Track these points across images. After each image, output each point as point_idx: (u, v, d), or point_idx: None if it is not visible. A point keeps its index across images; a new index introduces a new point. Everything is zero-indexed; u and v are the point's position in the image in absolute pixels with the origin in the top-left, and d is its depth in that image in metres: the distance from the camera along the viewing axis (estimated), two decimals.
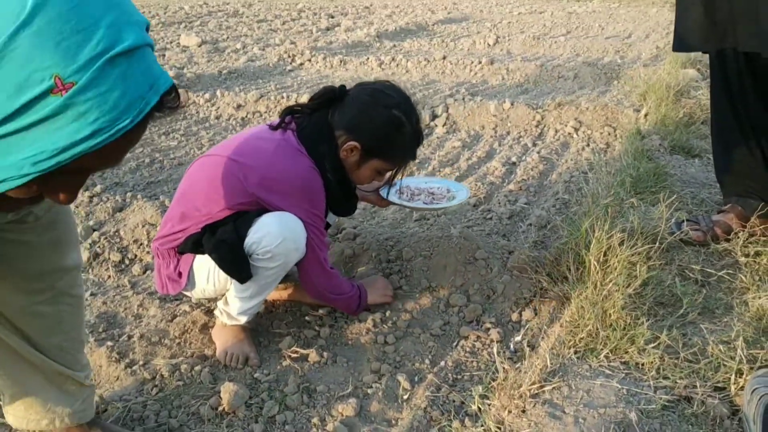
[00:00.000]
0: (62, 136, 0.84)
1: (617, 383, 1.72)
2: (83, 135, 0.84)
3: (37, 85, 0.81)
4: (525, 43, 7.81)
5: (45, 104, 0.82)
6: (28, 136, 0.83)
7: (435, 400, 1.88)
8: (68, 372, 1.57)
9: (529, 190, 3.40)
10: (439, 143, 4.29)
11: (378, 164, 2.05)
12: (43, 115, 0.82)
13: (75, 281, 1.53)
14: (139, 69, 0.87)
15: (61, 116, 0.83)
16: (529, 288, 2.32)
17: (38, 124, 0.83)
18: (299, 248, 1.93)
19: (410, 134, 2.04)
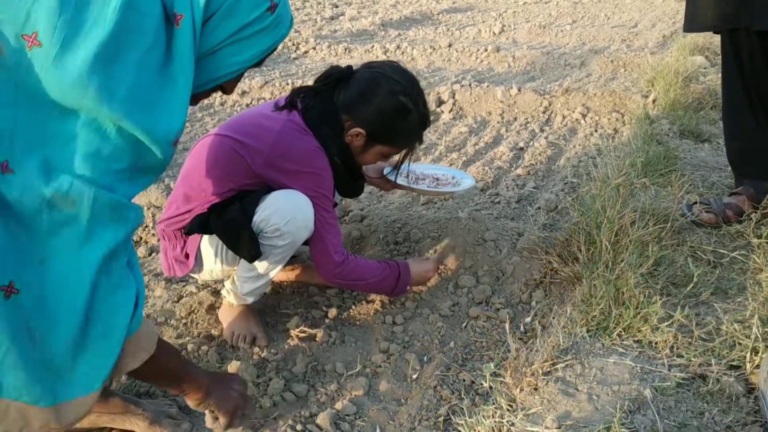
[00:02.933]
0: (266, 41, 1.35)
1: (631, 361, 1.69)
2: (274, 41, 1.37)
3: (263, 3, 1.31)
4: (531, 32, 7.75)
5: (264, 18, 1.32)
6: (252, 41, 1.32)
7: (445, 379, 1.86)
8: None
9: (537, 175, 3.37)
10: (446, 129, 4.26)
11: (383, 149, 2.02)
12: (263, 26, 1.32)
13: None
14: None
15: (270, 28, 1.34)
16: (539, 269, 2.29)
17: (259, 33, 1.32)
18: (308, 226, 1.90)
19: (416, 120, 1.99)
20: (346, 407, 1.74)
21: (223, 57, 1.32)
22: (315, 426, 1.68)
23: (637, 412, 1.52)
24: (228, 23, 1.28)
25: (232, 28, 1.29)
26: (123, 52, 1.12)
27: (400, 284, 2.11)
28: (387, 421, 1.70)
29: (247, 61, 1.35)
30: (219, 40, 1.29)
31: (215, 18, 1.26)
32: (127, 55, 1.13)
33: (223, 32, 1.28)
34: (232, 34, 1.29)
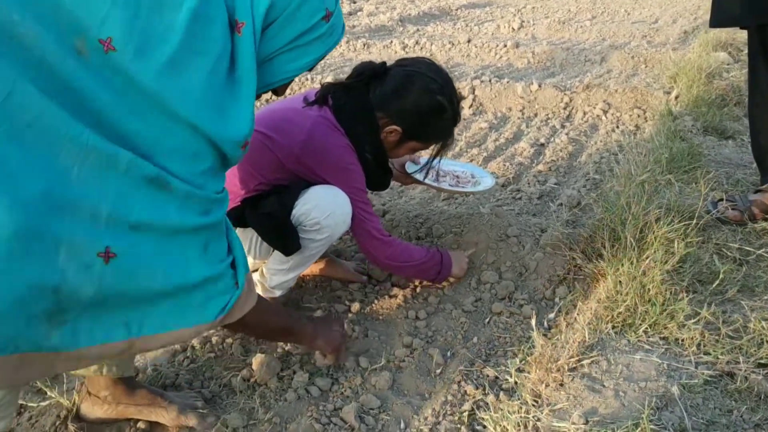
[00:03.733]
0: (320, 48, 1.42)
1: (657, 358, 1.68)
2: (328, 48, 1.43)
3: (319, 12, 1.37)
4: (550, 28, 7.70)
5: (320, 26, 1.38)
6: (307, 48, 1.39)
7: (468, 374, 1.86)
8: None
9: (558, 171, 3.35)
10: (466, 125, 4.24)
11: (416, 145, 2.06)
12: (319, 34, 1.38)
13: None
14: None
15: (325, 36, 1.40)
16: (563, 265, 2.28)
17: (315, 40, 1.39)
18: (346, 221, 1.92)
19: (451, 118, 2.02)
20: (370, 401, 1.74)
21: (279, 64, 1.39)
22: (339, 419, 1.68)
23: (665, 410, 1.52)
24: (286, 31, 1.34)
25: (290, 36, 1.35)
26: (193, 58, 1.18)
27: (443, 270, 2.17)
28: (411, 415, 1.71)
29: (302, 68, 1.42)
30: (277, 47, 1.35)
31: (274, 26, 1.32)
32: (198, 61, 1.19)
33: (281, 40, 1.35)
34: (289, 42, 1.36)
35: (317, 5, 1.36)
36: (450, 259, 2.19)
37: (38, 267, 1.07)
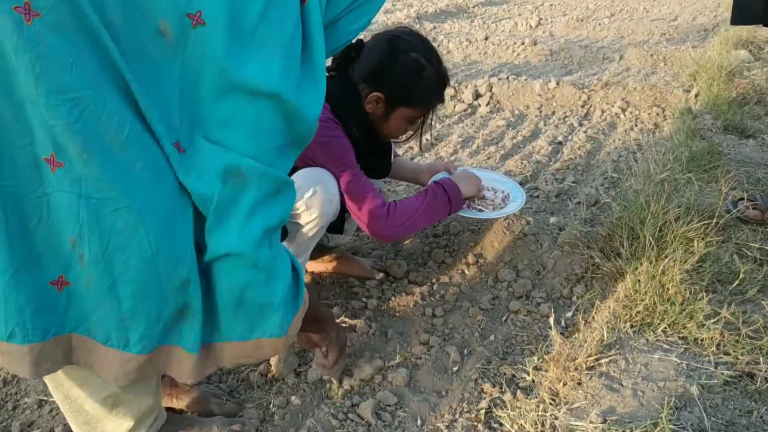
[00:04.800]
0: (376, 6, 1.40)
1: (676, 358, 1.67)
2: (380, 5, 1.41)
3: None
4: (568, 25, 7.66)
5: None
6: (365, 7, 1.37)
7: (485, 372, 1.85)
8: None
9: (576, 169, 3.34)
10: (483, 122, 4.23)
11: (405, 112, 1.95)
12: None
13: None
14: None
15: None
16: (581, 264, 2.27)
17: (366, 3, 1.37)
18: (333, 200, 1.87)
19: (433, 76, 1.93)
20: (387, 398, 1.74)
21: (342, 26, 1.38)
22: (356, 416, 1.69)
23: (684, 409, 1.51)
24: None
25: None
26: (273, 27, 1.16)
27: (453, 199, 2.05)
28: (428, 412, 1.71)
29: (361, 28, 1.41)
30: (339, 10, 1.35)
31: None
32: (279, 31, 1.17)
33: (342, 3, 1.34)
34: (349, 5, 1.35)
35: None
36: (455, 186, 2.07)
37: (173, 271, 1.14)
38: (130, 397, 1.39)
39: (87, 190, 1.06)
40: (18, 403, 1.77)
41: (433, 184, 2.07)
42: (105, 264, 1.11)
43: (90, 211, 1.07)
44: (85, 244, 1.10)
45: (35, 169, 1.07)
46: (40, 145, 1.04)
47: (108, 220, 1.08)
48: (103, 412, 1.38)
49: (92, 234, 1.09)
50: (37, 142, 1.04)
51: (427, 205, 2.01)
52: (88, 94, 1.02)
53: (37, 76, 0.98)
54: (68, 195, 1.06)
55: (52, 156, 1.04)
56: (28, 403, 1.77)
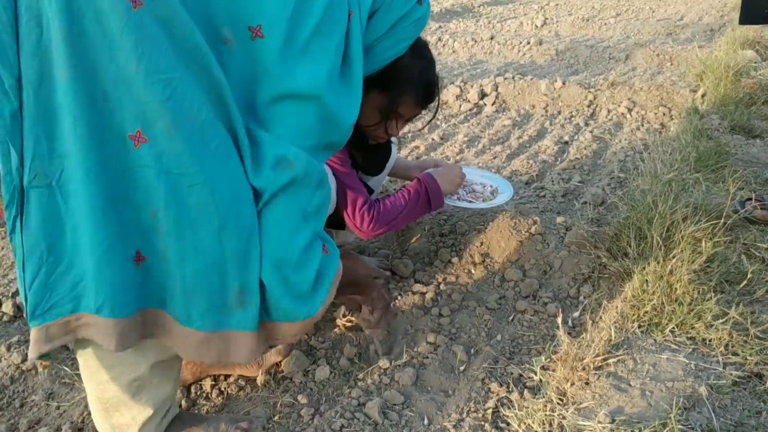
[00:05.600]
0: (414, 32, 1.52)
1: (684, 358, 1.67)
2: (419, 30, 1.53)
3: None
4: (574, 25, 7.65)
5: (415, 10, 1.47)
6: (404, 33, 1.48)
7: (492, 372, 1.85)
8: None
9: (582, 169, 3.33)
10: (489, 122, 4.23)
11: (376, 97, 1.75)
12: (414, 18, 1.48)
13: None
14: None
15: (419, 19, 1.50)
16: (588, 264, 2.26)
17: (410, 25, 1.48)
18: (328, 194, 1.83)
19: (411, 68, 1.75)
20: (394, 397, 1.74)
21: (379, 51, 1.49)
22: (363, 414, 1.69)
23: (692, 410, 1.50)
24: (386, 19, 1.44)
25: (389, 23, 1.45)
26: (324, 40, 1.29)
27: (433, 198, 2.05)
28: (435, 411, 1.71)
29: (399, 52, 1.51)
30: (378, 34, 1.45)
31: (376, 15, 1.42)
32: (328, 43, 1.30)
33: (381, 27, 1.44)
34: (388, 29, 1.45)
35: None
36: (435, 183, 2.06)
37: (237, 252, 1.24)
38: (155, 381, 1.42)
39: (167, 165, 1.16)
40: (25, 401, 1.78)
41: (417, 185, 2.06)
42: (177, 237, 1.20)
43: (168, 185, 1.16)
44: (162, 218, 1.18)
45: (121, 146, 1.15)
46: (128, 122, 1.14)
47: (183, 195, 1.17)
48: (125, 398, 1.40)
49: (168, 208, 1.18)
50: (124, 120, 1.13)
51: (410, 208, 2.02)
52: (177, 76, 1.13)
53: (139, 56, 1.09)
54: (150, 170, 1.16)
55: (138, 132, 1.14)
56: (36, 400, 1.77)
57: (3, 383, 1.82)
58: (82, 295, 1.24)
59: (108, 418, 1.45)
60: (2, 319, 2.13)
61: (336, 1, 1.31)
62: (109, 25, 1.08)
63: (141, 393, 1.42)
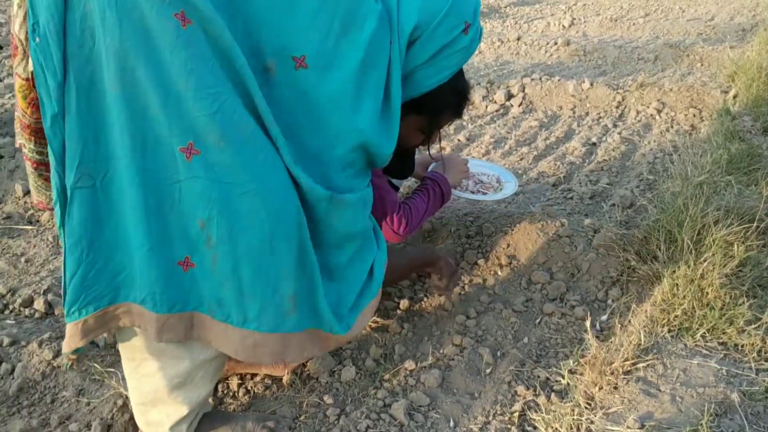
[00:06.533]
0: (458, 61, 1.49)
1: (716, 363, 1.64)
2: (465, 59, 1.51)
3: (459, 27, 1.42)
4: (602, 25, 7.57)
5: (460, 40, 1.44)
6: (446, 61, 1.46)
7: (519, 374, 1.84)
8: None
9: (610, 171, 3.29)
10: (515, 123, 4.20)
11: (415, 120, 1.75)
12: (458, 47, 1.46)
13: None
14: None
15: (464, 49, 1.47)
16: (616, 267, 2.24)
17: (453, 54, 1.46)
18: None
19: (448, 89, 1.69)
20: (420, 398, 1.74)
21: (419, 79, 1.48)
22: (389, 416, 1.68)
23: (724, 417, 1.47)
24: (427, 48, 1.43)
25: (431, 51, 1.44)
26: (367, 72, 1.31)
27: (446, 194, 2.13)
28: (460, 414, 1.70)
29: (441, 80, 1.49)
30: (419, 62, 1.44)
31: (417, 44, 1.41)
32: (370, 75, 1.32)
33: (422, 56, 1.43)
34: (429, 58, 1.44)
35: (457, 20, 1.42)
36: (447, 183, 2.14)
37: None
38: (196, 380, 1.45)
39: (219, 175, 1.20)
40: (56, 397, 1.80)
41: (431, 183, 2.10)
42: (230, 244, 1.24)
43: (221, 194, 1.21)
44: (214, 226, 1.23)
45: (171, 158, 1.20)
46: (178, 135, 1.19)
47: (235, 203, 1.22)
48: (164, 394, 1.43)
49: (221, 216, 1.22)
50: (175, 133, 1.18)
51: (430, 208, 2.07)
52: (224, 90, 1.17)
53: (188, 72, 1.14)
54: (202, 180, 1.20)
55: (189, 145, 1.18)
56: (66, 396, 1.80)
57: (35, 379, 1.85)
58: (123, 285, 1.31)
59: (145, 412, 1.49)
60: (34, 315, 2.16)
61: (380, 31, 1.32)
62: (159, 43, 1.13)
63: (180, 390, 1.44)
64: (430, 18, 1.40)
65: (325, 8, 1.25)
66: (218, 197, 1.21)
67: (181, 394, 1.45)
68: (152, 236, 1.24)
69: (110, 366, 1.87)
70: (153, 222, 1.24)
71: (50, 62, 1.16)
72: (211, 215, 1.22)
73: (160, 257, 1.26)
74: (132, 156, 1.20)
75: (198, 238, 1.25)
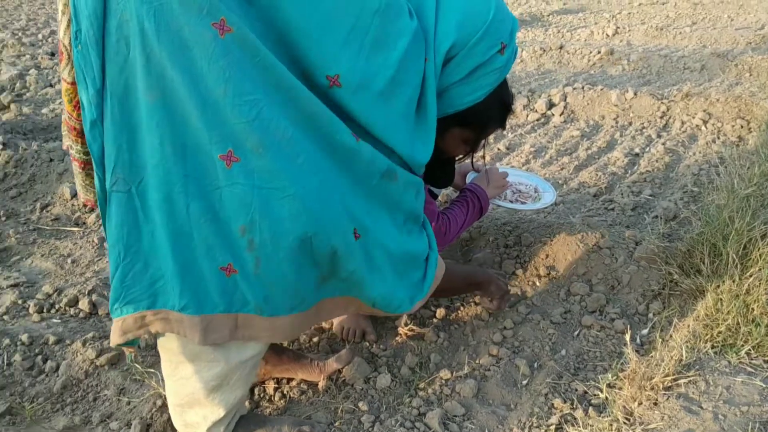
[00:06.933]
0: (492, 80, 1.51)
1: (761, 382, 1.59)
2: (500, 78, 1.54)
3: (495, 47, 1.46)
4: (647, 34, 7.46)
5: (496, 60, 1.48)
6: (481, 80, 1.49)
7: (556, 387, 1.82)
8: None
9: (653, 182, 3.23)
10: (557, 132, 4.16)
11: (460, 132, 1.77)
12: (494, 67, 1.49)
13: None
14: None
15: (500, 68, 1.50)
16: (658, 280, 2.20)
17: (489, 73, 1.49)
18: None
19: (492, 102, 1.71)
20: (455, 408, 1.73)
21: (454, 96, 1.51)
22: (423, 425, 1.68)
23: None
24: (462, 66, 1.45)
25: (466, 70, 1.46)
26: (399, 89, 1.34)
27: (485, 207, 2.11)
28: (496, 425, 1.68)
29: (476, 101, 1.52)
30: (455, 80, 1.47)
31: (452, 62, 1.43)
32: (402, 91, 1.35)
33: (457, 74, 1.46)
34: (465, 76, 1.47)
35: (494, 41, 1.45)
36: (485, 195, 2.11)
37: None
38: (232, 382, 1.47)
39: (259, 181, 1.23)
40: (98, 395, 1.84)
41: (471, 195, 2.08)
42: (273, 246, 1.27)
43: (261, 199, 1.24)
44: (256, 230, 1.26)
45: (212, 165, 1.23)
46: (218, 143, 1.21)
47: (276, 207, 1.25)
48: (201, 396, 1.46)
49: (263, 220, 1.25)
50: (214, 141, 1.21)
51: (469, 219, 2.06)
52: (261, 97, 1.19)
53: (226, 79, 1.16)
54: (242, 187, 1.23)
55: (229, 152, 1.21)
56: (108, 395, 1.84)
57: (78, 377, 1.89)
58: (160, 293, 1.34)
59: (182, 414, 1.51)
60: (78, 315, 2.22)
61: (413, 49, 1.34)
62: (196, 53, 1.16)
63: (216, 392, 1.47)
64: (468, 37, 1.42)
65: (359, 27, 1.27)
66: (259, 203, 1.23)
67: (217, 396, 1.47)
68: (194, 243, 1.28)
69: (150, 367, 1.90)
70: (195, 228, 1.27)
71: (90, 69, 1.21)
72: (253, 220, 1.25)
73: (202, 262, 1.29)
74: (174, 163, 1.22)
75: (239, 243, 1.27)
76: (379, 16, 1.28)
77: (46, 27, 9.43)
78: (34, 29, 9.24)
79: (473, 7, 1.45)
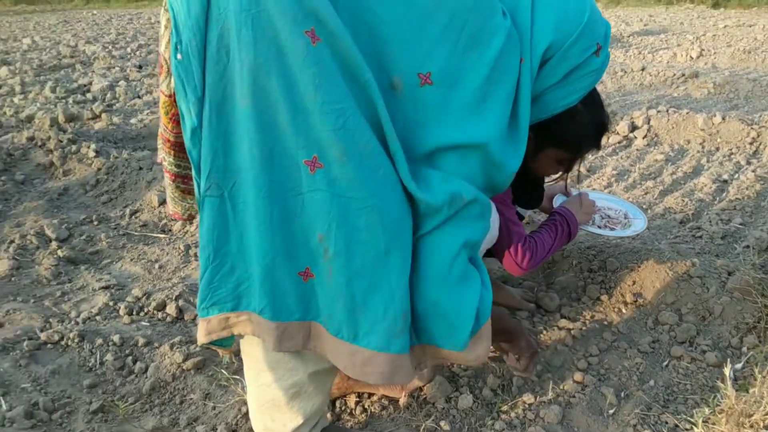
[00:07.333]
0: (588, 83, 1.47)
1: None
2: (594, 81, 1.48)
3: (591, 48, 1.41)
4: (734, 57, 7.21)
5: (591, 62, 1.42)
6: (577, 83, 1.45)
7: (645, 419, 1.76)
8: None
9: (744, 210, 3.11)
10: (639, 156, 4.06)
11: (554, 153, 1.79)
12: (589, 69, 1.44)
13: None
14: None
15: (595, 71, 1.45)
16: (753, 312, 2.10)
17: (584, 75, 1.44)
18: (494, 233, 1.80)
19: (588, 122, 1.74)
20: None
21: (549, 100, 1.47)
22: None
23: None
24: (559, 68, 1.41)
25: (562, 72, 1.42)
26: (494, 89, 1.30)
27: (573, 232, 2.03)
28: None
29: (570, 104, 1.48)
30: (550, 83, 1.43)
31: (549, 64, 1.40)
32: (499, 93, 1.31)
33: (554, 77, 1.42)
34: (561, 79, 1.43)
35: (590, 41, 1.41)
36: (575, 219, 2.03)
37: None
38: (310, 391, 1.48)
39: (339, 189, 1.22)
40: (185, 398, 1.89)
41: (560, 219, 2.01)
42: (346, 258, 1.26)
43: (340, 208, 1.23)
44: (332, 239, 1.25)
45: (296, 170, 1.24)
46: (304, 148, 1.22)
47: (353, 218, 1.24)
48: (281, 403, 1.48)
49: (339, 229, 1.24)
50: (301, 146, 1.22)
51: (557, 244, 1.99)
52: (348, 106, 1.19)
53: (316, 87, 1.17)
54: (323, 194, 1.23)
55: (314, 158, 1.22)
56: (194, 399, 1.88)
57: (165, 380, 1.95)
58: (244, 295, 1.37)
59: (263, 420, 1.54)
60: (166, 319, 2.29)
61: (508, 48, 1.30)
62: (290, 60, 1.17)
63: (295, 400, 1.48)
64: (565, 38, 1.37)
65: (453, 24, 1.25)
66: (337, 211, 1.23)
67: (296, 404, 1.49)
68: (276, 246, 1.28)
69: (235, 373, 1.94)
70: (278, 232, 1.28)
71: (191, 78, 1.24)
72: (330, 228, 1.24)
73: (283, 266, 1.30)
74: (261, 167, 1.24)
75: (317, 250, 1.28)
76: (475, 13, 1.26)
77: (134, 41, 9.85)
78: (123, 43, 9.66)
79: (570, 7, 1.41)
